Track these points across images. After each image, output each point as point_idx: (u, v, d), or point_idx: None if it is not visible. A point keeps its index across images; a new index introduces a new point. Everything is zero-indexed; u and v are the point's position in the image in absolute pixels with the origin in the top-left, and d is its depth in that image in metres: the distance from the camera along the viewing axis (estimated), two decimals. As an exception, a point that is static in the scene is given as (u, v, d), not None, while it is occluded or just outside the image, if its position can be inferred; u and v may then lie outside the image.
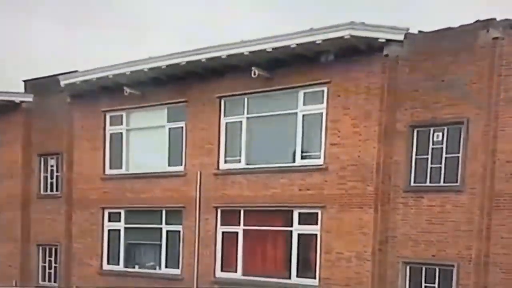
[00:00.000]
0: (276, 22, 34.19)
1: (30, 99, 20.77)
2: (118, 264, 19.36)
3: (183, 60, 16.54)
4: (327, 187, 15.32)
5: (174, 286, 17.81)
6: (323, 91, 15.47)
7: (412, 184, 14.49)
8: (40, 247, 21.08)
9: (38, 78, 20.84)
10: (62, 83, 19.13)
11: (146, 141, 18.81)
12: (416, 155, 14.46)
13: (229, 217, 17.15)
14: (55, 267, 20.84)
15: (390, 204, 14.66)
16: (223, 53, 15.92)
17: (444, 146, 14.18)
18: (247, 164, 16.76)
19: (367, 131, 14.73)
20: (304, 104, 15.82)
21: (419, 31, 14.29)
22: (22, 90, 21.31)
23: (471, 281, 13.72)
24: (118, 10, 41.38)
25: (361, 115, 14.80)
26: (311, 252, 15.86)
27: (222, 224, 17.25)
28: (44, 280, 21.12)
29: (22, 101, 20.78)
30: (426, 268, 14.45)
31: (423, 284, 14.50)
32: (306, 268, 16.00)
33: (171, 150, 18.07)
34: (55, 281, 20.81)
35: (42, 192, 20.90)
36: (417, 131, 14.39)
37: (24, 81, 21.39)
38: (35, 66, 33.92)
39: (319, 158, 15.56)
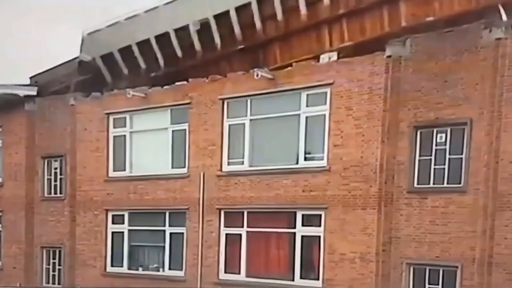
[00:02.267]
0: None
1: (34, 93, 20.66)
2: (121, 266, 19.35)
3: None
4: (330, 188, 15.32)
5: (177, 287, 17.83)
6: (326, 92, 15.45)
7: (415, 185, 14.49)
8: (44, 249, 21.07)
9: (43, 72, 20.84)
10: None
11: (149, 143, 18.83)
12: (420, 155, 14.46)
13: (233, 218, 17.15)
14: (59, 269, 20.82)
15: (393, 205, 14.65)
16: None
17: (447, 146, 14.18)
18: (250, 166, 16.78)
19: (370, 132, 14.72)
20: (307, 106, 15.83)
21: (422, 31, 14.30)
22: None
23: (474, 282, 13.71)
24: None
25: (364, 116, 14.80)
26: (315, 253, 15.86)
27: (225, 226, 17.26)
28: (48, 282, 21.10)
29: (26, 95, 20.66)
30: (429, 269, 14.42)
31: (427, 285, 14.47)
32: (309, 269, 16.00)
33: (174, 152, 18.11)
34: (59, 283, 20.80)
35: (46, 194, 20.91)
36: (420, 132, 14.38)
37: (31, 77, 21.42)
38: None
39: (322, 159, 15.57)
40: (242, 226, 16.96)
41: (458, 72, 13.68)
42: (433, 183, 14.35)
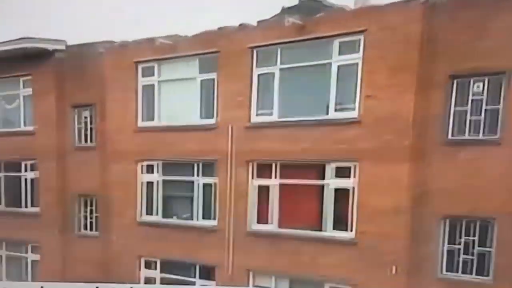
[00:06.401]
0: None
1: (63, 47, 20.59)
2: (155, 214, 19.47)
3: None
4: (361, 141, 14.93)
5: (209, 237, 17.94)
6: (359, 40, 14.87)
7: (450, 137, 14.07)
8: (80, 198, 21.32)
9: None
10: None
11: (178, 93, 18.52)
12: (455, 107, 13.96)
13: (262, 170, 16.94)
14: (96, 216, 21.15)
15: (426, 158, 14.28)
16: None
17: (484, 97, 13.66)
18: (280, 117, 16.41)
19: (404, 83, 14.19)
20: (339, 54, 15.28)
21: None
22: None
23: (510, 235, 13.42)
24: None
25: (398, 65, 14.22)
26: (346, 205, 15.63)
27: (255, 178, 17.08)
28: (85, 229, 21.48)
29: (54, 50, 20.61)
30: (465, 222, 14.17)
31: (463, 238, 14.26)
32: (341, 221, 15.84)
33: (203, 102, 17.79)
34: (96, 230, 21.17)
35: (77, 143, 21.00)
36: (457, 82, 13.83)
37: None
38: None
39: (354, 110, 15.13)
40: (271, 178, 16.79)
41: (497, 20, 12.98)
42: (468, 135, 13.93)
